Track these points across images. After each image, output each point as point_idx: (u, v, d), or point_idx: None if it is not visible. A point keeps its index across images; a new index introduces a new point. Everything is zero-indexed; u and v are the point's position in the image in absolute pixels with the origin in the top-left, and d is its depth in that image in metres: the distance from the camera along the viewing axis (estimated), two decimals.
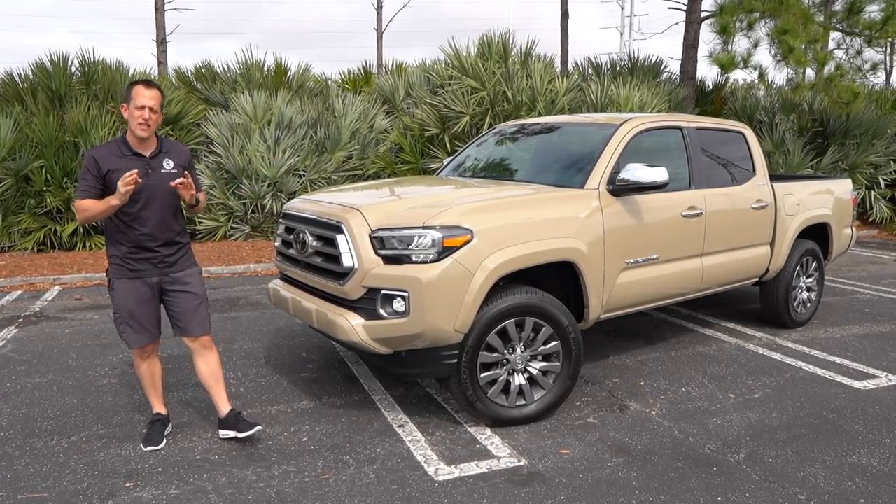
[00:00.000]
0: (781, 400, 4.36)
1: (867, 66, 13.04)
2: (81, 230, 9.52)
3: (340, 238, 3.75)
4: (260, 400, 4.34)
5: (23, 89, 10.25)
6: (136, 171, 3.29)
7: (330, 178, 10.70)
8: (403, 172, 11.04)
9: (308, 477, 3.35)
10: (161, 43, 15.56)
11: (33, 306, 6.79)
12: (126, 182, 3.25)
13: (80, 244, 9.54)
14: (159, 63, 15.38)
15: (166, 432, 3.77)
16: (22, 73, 10.45)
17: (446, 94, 11.05)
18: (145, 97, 3.41)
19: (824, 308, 6.70)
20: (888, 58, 22.79)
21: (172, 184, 3.44)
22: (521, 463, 3.49)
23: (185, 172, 3.51)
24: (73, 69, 10.49)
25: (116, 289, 3.56)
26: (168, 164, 3.56)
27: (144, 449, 3.60)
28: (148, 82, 3.49)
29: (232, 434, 3.70)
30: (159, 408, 3.84)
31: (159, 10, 15.55)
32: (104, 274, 3.89)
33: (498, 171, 5.32)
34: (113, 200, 3.33)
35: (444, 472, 3.39)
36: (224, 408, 3.76)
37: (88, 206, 3.41)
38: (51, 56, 10.26)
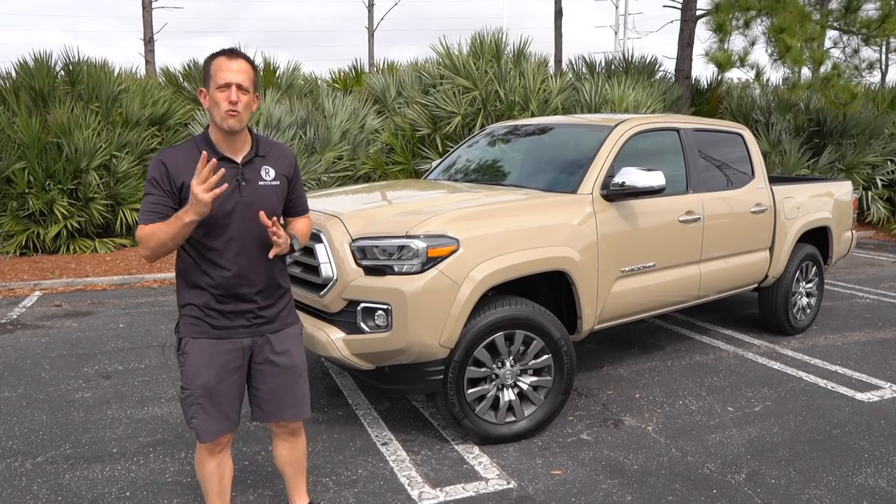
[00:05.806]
0: (782, 413, 4.19)
1: (864, 66, 12.92)
2: (65, 233, 9.29)
3: (319, 247, 3.56)
4: None
5: (5, 89, 9.99)
6: (223, 170, 2.26)
7: (320, 179, 10.48)
8: (394, 173, 10.85)
9: (284, 501, 3.15)
10: (148, 41, 15.32)
11: (10, 314, 6.57)
12: (208, 185, 2.20)
13: (63, 247, 9.32)
14: (147, 62, 15.14)
15: None
16: (4, 72, 10.22)
17: (438, 94, 10.85)
18: (230, 71, 2.35)
19: (823, 313, 6.54)
20: (884, 56, 22.69)
21: (271, 228, 2.37)
22: (511, 485, 3.31)
23: (274, 218, 2.40)
24: (58, 68, 10.25)
25: (190, 353, 2.48)
26: (268, 174, 2.49)
27: None
28: (232, 51, 2.42)
29: None
30: None
31: (146, 7, 15.31)
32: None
33: (488, 174, 5.13)
34: (186, 216, 2.25)
35: (428, 495, 3.21)
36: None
37: (153, 233, 2.31)
38: (34, 55, 10.03)
